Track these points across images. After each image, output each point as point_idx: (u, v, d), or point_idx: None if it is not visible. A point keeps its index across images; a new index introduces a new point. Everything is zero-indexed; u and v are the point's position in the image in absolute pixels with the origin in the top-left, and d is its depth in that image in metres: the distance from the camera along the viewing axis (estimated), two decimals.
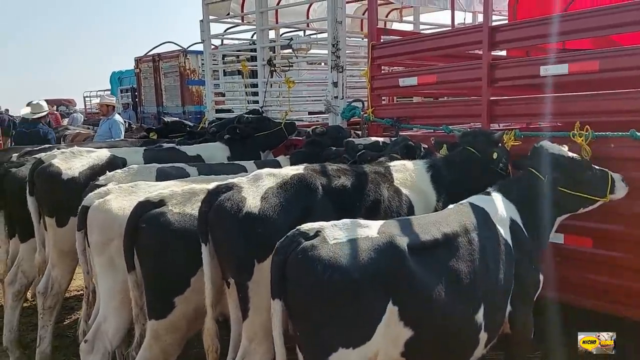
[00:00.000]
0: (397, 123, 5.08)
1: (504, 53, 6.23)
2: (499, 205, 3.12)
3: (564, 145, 3.45)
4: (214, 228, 2.93)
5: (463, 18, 7.52)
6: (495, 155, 3.68)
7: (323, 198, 3.10)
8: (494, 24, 4.70)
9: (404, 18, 8.75)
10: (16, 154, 5.55)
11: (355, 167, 3.58)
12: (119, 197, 3.50)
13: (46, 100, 27.43)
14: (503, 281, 2.88)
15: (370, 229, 2.56)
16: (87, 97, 26.32)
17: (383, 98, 6.92)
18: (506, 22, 7.14)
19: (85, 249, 3.60)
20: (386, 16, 9.11)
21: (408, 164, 3.74)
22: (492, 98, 4.33)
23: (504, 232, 3.01)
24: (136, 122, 15.03)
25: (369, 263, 2.40)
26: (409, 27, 8.23)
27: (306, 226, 2.53)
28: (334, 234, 2.47)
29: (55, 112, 21.42)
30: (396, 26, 8.63)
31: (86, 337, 3.60)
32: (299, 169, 3.22)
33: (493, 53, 5.23)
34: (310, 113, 7.66)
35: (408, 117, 5.07)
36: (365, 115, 5.49)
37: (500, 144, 3.84)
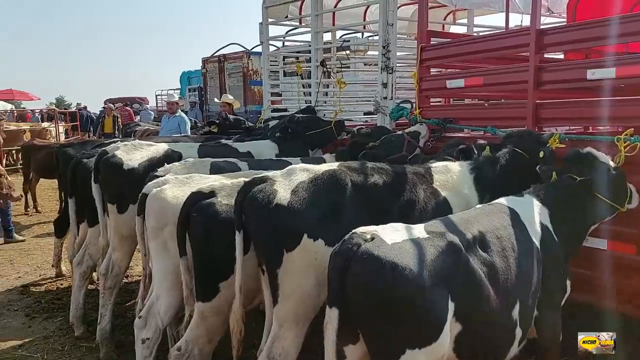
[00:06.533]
0: (444, 123, 5.13)
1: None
2: (530, 207, 3.14)
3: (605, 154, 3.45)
4: (247, 217, 3.13)
5: (520, 20, 7.38)
6: (541, 155, 3.64)
7: (352, 195, 3.20)
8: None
9: (458, 20, 8.70)
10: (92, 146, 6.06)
11: (395, 167, 3.65)
12: (174, 187, 3.78)
13: (122, 98, 29.03)
14: (531, 282, 2.91)
15: (418, 230, 2.60)
16: (158, 95, 27.66)
17: (439, 100, 6.99)
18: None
19: (143, 233, 3.90)
20: (444, 19, 9.09)
21: (451, 165, 3.74)
22: (538, 101, 4.30)
23: (532, 234, 3.03)
24: (202, 120, 15.68)
25: (432, 262, 2.43)
26: (463, 30, 8.19)
27: (361, 229, 2.55)
28: (389, 236, 2.48)
29: (129, 108, 22.73)
30: (453, 29, 8.60)
31: (140, 314, 3.92)
32: (332, 165, 3.36)
33: (548, 56, 5.19)
34: (365, 113, 7.78)
35: (454, 119, 5.10)
36: (412, 116, 5.57)
37: (547, 145, 3.78)
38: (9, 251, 8.37)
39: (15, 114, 25.58)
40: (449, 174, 3.62)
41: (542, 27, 4.51)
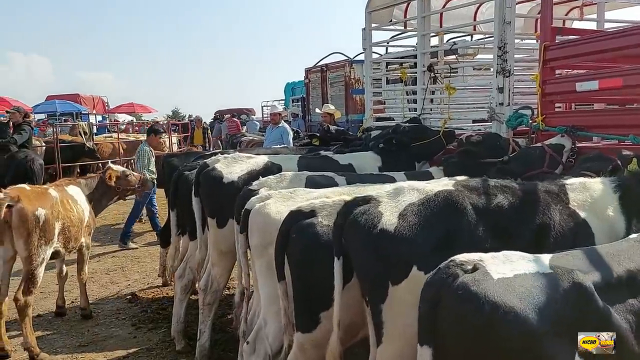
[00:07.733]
0: (573, 131, 4.46)
1: None
2: None
3: None
4: (348, 242, 2.77)
5: None
6: None
7: (472, 220, 2.73)
8: None
9: (586, 16, 7.78)
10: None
11: (522, 185, 3.11)
12: (278, 202, 3.49)
13: (230, 110, 30.31)
14: None
15: (539, 264, 2.14)
16: (264, 106, 28.48)
17: (559, 105, 6.23)
18: None
19: (246, 251, 3.67)
20: (566, 14, 8.21)
21: (590, 182, 3.15)
22: None
23: None
24: (305, 130, 15.73)
25: (552, 305, 1.99)
26: (592, 26, 7.28)
27: (462, 257, 2.16)
28: (497, 268, 2.07)
29: (236, 120, 23.56)
30: (576, 25, 7.70)
31: (248, 339, 3.69)
32: (448, 184, 2.89)
33: None
34: (474, 121, 7.21)
35: (584, 127, 4.41)
36: (534, 123, 4.95)
37: None
38: (121, 258, 8.80)
39: (136, 125, 27.54)
40: (588, 192, 3.02)
41: None
